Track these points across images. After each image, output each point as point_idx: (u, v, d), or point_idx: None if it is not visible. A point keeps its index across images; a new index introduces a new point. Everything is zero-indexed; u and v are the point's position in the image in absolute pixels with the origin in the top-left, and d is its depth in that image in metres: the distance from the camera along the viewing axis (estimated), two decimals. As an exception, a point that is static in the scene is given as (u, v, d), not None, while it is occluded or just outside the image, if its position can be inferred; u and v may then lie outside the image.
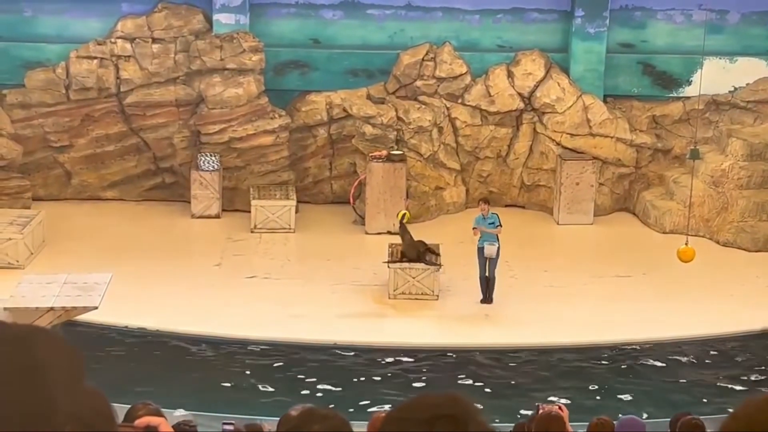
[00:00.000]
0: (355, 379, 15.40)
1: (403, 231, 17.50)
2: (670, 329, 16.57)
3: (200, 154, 20.28)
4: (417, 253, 17.29)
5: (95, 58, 20.36)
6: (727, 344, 16.43)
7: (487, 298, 17.10)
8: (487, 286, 17.11)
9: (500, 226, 16.98)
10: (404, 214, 17.82)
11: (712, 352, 16.32)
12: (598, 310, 17.03)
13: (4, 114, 20.29)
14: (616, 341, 16.33)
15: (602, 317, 16.81)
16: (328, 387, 15.16)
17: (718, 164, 19.92)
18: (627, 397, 15.19)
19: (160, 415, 6.82)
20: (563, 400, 13.92)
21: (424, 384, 15.31)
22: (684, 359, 16.20)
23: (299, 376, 15.41)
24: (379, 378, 15.43)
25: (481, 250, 17.06)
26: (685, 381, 15.67)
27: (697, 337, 16.51)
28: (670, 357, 16.22)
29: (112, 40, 20.40)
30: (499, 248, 16.95)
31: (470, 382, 15.45)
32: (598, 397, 15.07)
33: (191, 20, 20.59)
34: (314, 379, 15.33)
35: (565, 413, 7.37)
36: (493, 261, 16.99)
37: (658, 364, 16.06)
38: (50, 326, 13.23)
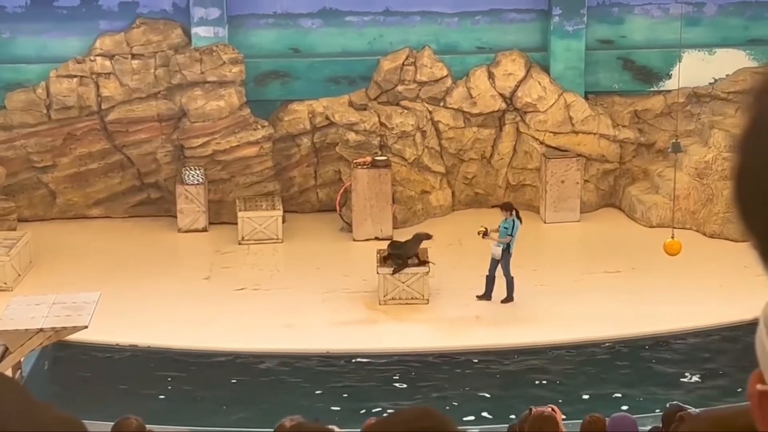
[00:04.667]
0: (349, 387, 15.38)
1: (416, 241, 17.43)
2: (662, 323, 16.60)
3: (184, 168, 20.25)
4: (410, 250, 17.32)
5: (75, 76, 20.32)
6: (720, 335, 16.46)
7: (508, 297, 17.13)
8: (490, 284, 17.15)
9: (510, 235, 17.00)
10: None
11: (705, 344, 16.35)
12: (589, 306, 17.05)
13: (-14, 136, 20.25)
14: (609, 337, 16.36)
15: (593, 313, 16.83)
16: (322, 396, 15.15)
17: (701, 156, 19.97)
18: (621, 392, 15.22)
19: (144, 429, 6.81)
20: (557, 398, 13.93)
21: (418, 388, 15.32)
22: (677, 352, 16.23)
23: (292, 387, 15.39)
24: (373, 385, 15.43)
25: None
26: (678, 373, 15.70)
27: (690, 329, 16.55)
28: (664, 350, 16.25)
29: (92, 58, 20.36)
30: (506, 251, 17.00)
31: (466, 384, 15.46)
32: (592, 394, 15.09)
33: (170, 35, 20.57)
34: (308, 389, 15.32)
35: (558, 414, 7.38)
36: (502, 262, 17.04)
37: (651, 357, 16.09)
38: (41, 347, 13.19)
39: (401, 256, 17.30)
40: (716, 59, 21.05)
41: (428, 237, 17.40)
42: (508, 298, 17.16)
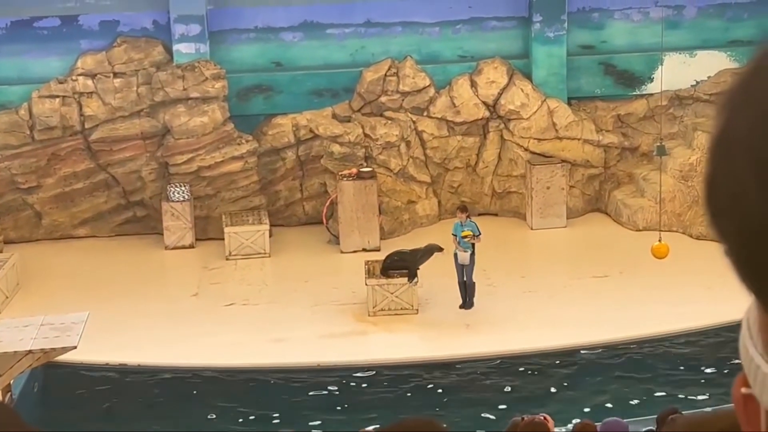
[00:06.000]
0: (341, 399, 15.36)
1: (427, 253, 17.36)
2: (651, 325, 16.62)
3: (170, 185, 20.21)
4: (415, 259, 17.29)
5: (57, 96, 20.28)
6: (709, 337, 16.49)
7: (466, 303, 17.15)
8: (466, 291, 17.16)
9: (479, 234, 17.04)
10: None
11: (695, 346, 16.37)
12: (578, 311, 17.06)
13: (-30, 159, 20.20)
14: (599, 341, 16.37)
15: (583, 318, 16.84)
16: (314, 409, 15.13)
17: (685, 158, 20.03)
18: (612, 396, 15.22)
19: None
20: (549, 406, 13.93)
21: (410, 399, 15.30)
22: (667, 354, 16.25)
23: (284, 401, 15.36)
24: (364, 396, 15.41)
25: (456, 256, 17.15)
26: (668, 376, 15.71)
27: (679, 331, 16.57)
28: (654, 354, 16.26)
29: (73, 77, 20.33)
30: (473, 254, 17.01)
31: (457, 393, 15.45)
32: (583, 399, 15.09)
33: (151, 52, 20.55)
34: (300, 402, 15.29)
35: (551, 423, 7.38)
36: (469, 267, 17.05)
37: (642, 360, 16.10)
38: (31, 369, 13.14)
39: (409, 266, 17.23)
40: (697, 61, 21.13)
41: (441, 250, 17.35)
42: (470, 304, 17.12)
